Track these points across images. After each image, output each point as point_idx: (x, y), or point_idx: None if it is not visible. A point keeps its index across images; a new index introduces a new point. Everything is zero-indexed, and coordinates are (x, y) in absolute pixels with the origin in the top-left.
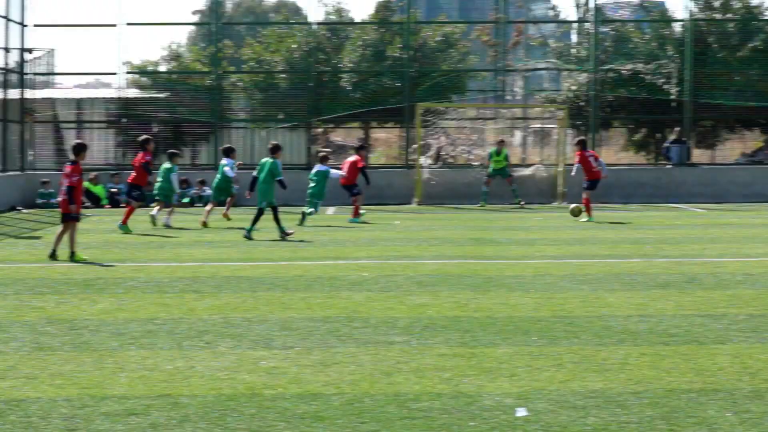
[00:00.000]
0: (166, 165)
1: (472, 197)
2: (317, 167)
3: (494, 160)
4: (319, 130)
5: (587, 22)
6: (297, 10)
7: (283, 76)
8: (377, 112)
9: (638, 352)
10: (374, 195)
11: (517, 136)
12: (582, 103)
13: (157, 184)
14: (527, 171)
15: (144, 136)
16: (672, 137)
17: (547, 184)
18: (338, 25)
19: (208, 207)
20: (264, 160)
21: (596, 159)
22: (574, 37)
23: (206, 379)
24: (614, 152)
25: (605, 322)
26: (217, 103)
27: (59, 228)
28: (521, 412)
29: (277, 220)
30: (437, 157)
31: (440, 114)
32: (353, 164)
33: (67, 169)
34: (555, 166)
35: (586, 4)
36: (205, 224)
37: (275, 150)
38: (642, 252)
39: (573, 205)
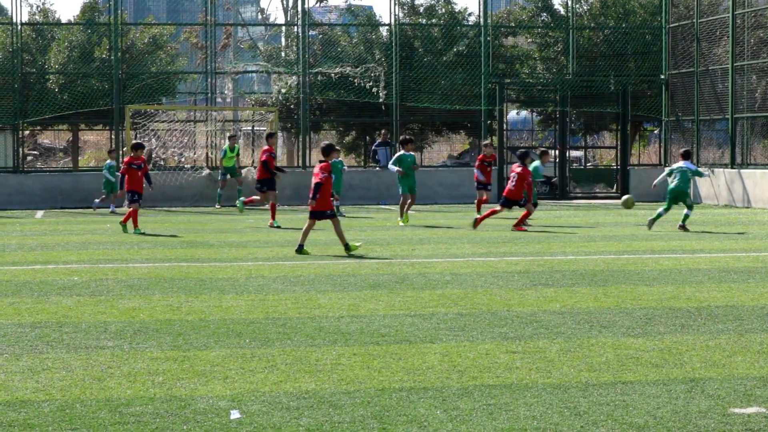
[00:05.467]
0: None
1: (185, 200)
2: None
3: (227, 157)
4: (26, 132)
5: (295, 25)
6: (0, 10)
7: None
8: (86, 114)
9: (350, 353)
10: (85, 198)
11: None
12: (292, 106)
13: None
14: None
15: (135, 141)
16: (379, 140)
17: None
18: (44, 26)
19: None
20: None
21: None
22: (283, 40)
23: None
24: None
25: (317, 323)
26: None
27: (306, 224)
28: (235, 415)
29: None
30: (148, 160)
31: (150, 116)
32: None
33: (317, 167)
34: None
35: (295, 7)
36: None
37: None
38: (353, 253)
39: (625, 197)
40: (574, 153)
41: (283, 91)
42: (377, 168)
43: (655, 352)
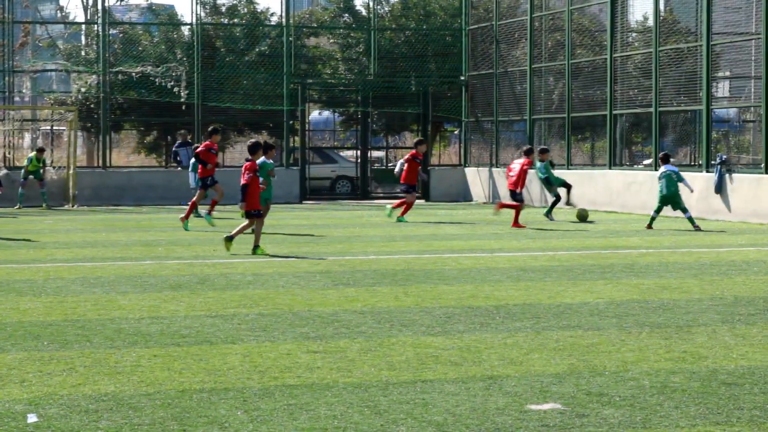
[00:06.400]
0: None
1: None
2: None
3: (33, 165)
4: None
5: (96, 23)
6: None
7: None
8: None
9: (150, 354)
10: None
11: (27, 138)
12: (92, 105)
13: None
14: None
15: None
16: (179, 140)
17: (58, 187)
18: None
19: None
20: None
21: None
22: (83, 39)
23: None
24: (126, 155)
25: (117, 325)
26: None
27: (244, 223)
28: (32, 419)
29: None
30: None
31: None
32: None
33: (243, 167)
34: (66, 169)
35: (95, 5)
36: None
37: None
38: (154, 254)
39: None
40: (376, 153)
41: (83, 90)
42: (179, 168)
43: (454, 350)
